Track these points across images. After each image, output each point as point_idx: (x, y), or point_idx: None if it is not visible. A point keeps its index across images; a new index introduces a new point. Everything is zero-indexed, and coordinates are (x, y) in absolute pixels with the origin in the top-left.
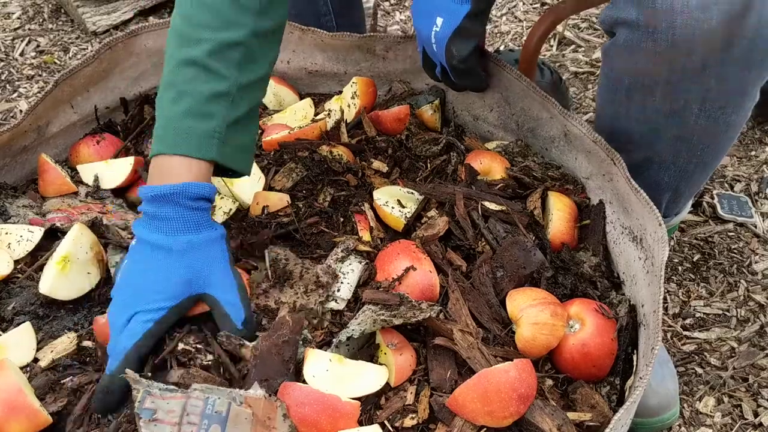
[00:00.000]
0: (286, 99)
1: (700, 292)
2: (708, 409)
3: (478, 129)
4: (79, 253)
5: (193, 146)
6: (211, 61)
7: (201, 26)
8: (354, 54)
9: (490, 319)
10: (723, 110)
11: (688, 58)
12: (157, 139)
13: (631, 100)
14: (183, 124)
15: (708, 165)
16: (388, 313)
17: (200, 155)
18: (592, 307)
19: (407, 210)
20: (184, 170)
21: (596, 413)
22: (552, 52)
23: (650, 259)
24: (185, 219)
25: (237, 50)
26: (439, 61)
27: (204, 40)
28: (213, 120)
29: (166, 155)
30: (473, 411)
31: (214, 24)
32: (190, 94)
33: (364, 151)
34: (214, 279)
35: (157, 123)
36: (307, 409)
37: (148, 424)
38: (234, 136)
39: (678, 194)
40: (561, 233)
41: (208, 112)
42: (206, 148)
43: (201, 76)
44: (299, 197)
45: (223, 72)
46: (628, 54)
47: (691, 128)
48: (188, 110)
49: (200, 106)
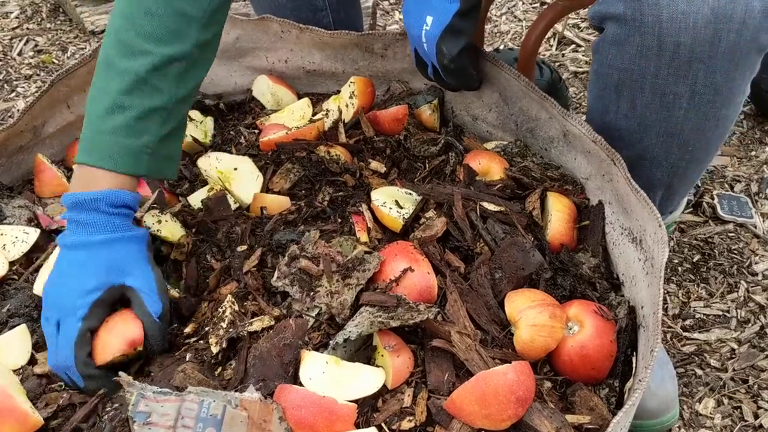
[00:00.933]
0: (284, 99)
1: (700, 293)
2: (708, 411)
3: (476, 129)
4: None
5: (122, 162)
6: (151, 76)
7: (144, 36)
8: (352, 52)
9: (489, 320)
10: (712, 104)
11: (675, 52)
12: (86, 149)
13: (621, 96)
14: (111, 139)
15: (700, 161)
16: (386, 315)
17: (128, 171)
18: (591, 309)
19: (405, 211)
20: (106, 180)
21: (595, 416)
22: (552, 52)
23: (650, 260)
24: (104, 222)
25: (179, 65)
26: (431, 61)
27: (147, 53)
28: (146, 136)
29: (94, 167)
30: (471, 414)
31: (158, 35)
32: (127, 108)
33: (362, 151)
34: (133, 270)
35: (86, 129)
36: (304, 411)
37: (142, 427)
38: (164, 147)
39: (671, 191)
40: (560, 234)
41: (143, 128)
42: (136, 164)
43: (140, 91)
44: (299, 196)
45: (162, 88)
46: (616, 49)
47: (681, 123)
48: (122, 125)
49: (135, 122)
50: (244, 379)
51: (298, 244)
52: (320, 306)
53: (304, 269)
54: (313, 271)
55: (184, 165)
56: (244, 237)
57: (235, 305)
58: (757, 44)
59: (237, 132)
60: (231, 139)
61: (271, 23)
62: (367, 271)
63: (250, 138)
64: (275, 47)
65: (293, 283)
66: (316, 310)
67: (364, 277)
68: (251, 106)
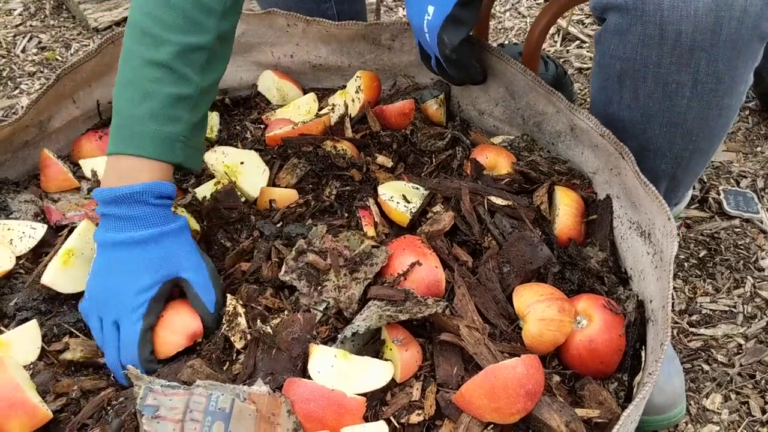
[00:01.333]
0: (290, 94)
1: (707, 289)
2: (715, 406)
3: (483, 123)
4: (84, 248)
5: (159, 150)
6: (176, 63)
7: (166, 27)
8: (359, 45)
9: (497, 314)
10: (715, 93)
11: (676, 40)
12: (119, 139)
13: (624, 86)
14: (147, 126)
15: (704, 151)
16: (394, 309)
17: (166, 158)
18: (600, 303)
19: (412, 205)
20: (146, 171)
21: (604, 410)
22: (556, 48)
23: (659, 254)
24: (153, 214)
25: (201, 54)
26: (433, 53)
27: (169, 42)
28: (179, 124)
29: (127, 156)
30: (480, 407)
31: (179, 25)
32: (155, 96)
33: (368, 145)
34: (186, 263)
35: (116, 121)
36: (312, 405)
37: (150, 421)
38: (194, 137)
39: (676, 183)
40: (568, 228)
41: (174, 115)
42: (172, 152)
43: (166, 78)
44: (307, 190)
45: (188, 75)
46: (618, 39)
47: (684, 113)
48: (152, 112)
49: (166, 109)
50: (252, 374)
51: (305, 238)
52: (328, 300)
53: (311, 263)
54: (320, 265)
55: None
56: (251, 228)
57: (239, 304)
58: (759, 32)
59: (243, 127)
60: (237, 134)
61: (276, 17)
62: (374, 265)
63: (255, 133)
64: (281, 42)
65: (301, 277)
66: (323, 305)
67: (371, 272)
68: (257, 101)
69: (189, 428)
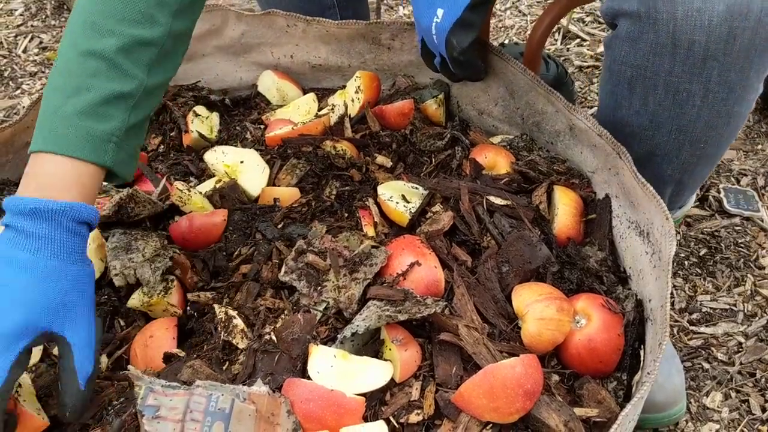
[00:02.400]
0: (290, 94)
1: (707, 287)
2: (715, 405)
3: (482, 123)
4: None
5: (88, 149)
6: (120, 57)
7: (114, 17)
8: (359, 45)
9: (496, 314)
10: (725, 102)
11: (689, 49)
12: (45, 134)
13: (633, 93)
14: (79, 122)
15: (711, 157)
16: (393, 309)
17: (95, 159)
18: (599, 302)
19: (412, 205)
20: (73, 178)
21: (603, 409)
22: (557, 46)
23: (657, 254)
24: (61, 242)
25: (149, 50)
26: (439, 52)
27: (116, 33)
28: (112, 121)
29: (52, 154)
30: (479, 407)
31: (129, 16)
32: (92, 90)
33: (368, 146)
34: (75, 317)
35: (44, 114)
36: (312, 405)
37: (151, 421)
38: (128, 140)
39: (681, 187)
40: (567, 228)
41: (108, 113)
42: (102, 153)
43: (107, 73)
44: (307, 190)
45: (131, 72)
46: (630, 46)
47: (693, 120)
48: (86, 108)
49: (100, 105)
50: (252, 374)
51: (305, 238)
52: (328, 300)
53: (311, 264)
54: (320, 265)
55: (190, 160)
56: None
57: (229, 308)
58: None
59: (243, 127)
60: (237, 135)
61: (276, 17)
62: (374, 265)
63: (255, 133)
64: (280, 42)
65: (300, 277)
66: (323, 305)
67: (371, 272)
68: (257, 101)
69: (189, 428)
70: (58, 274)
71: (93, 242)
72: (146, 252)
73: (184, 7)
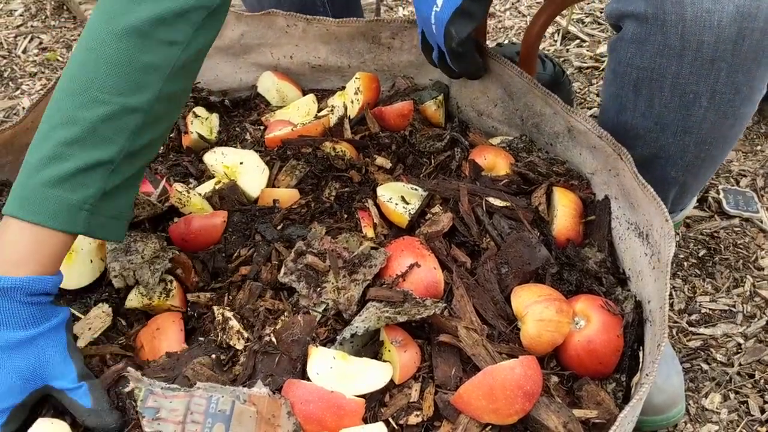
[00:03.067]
0: (289, 95)
1: (706, 288)
2: (714, 406)
3: (482, 124)
4: (83, 243)
5: (56, 219)
6: (104, 127)
7: (104, 89)
8: (358, 44)
9: (495, 315)
10: (732, 103)
11: (698, 50)
12: (16, 198)
13: (639, 95)
14: (51, 191)
15: (716, 158)
16: (393, 310)
17: (62, 228)
18: (598, 304)
19: (411, 206)
20: (32, 248)
21: (602, 410)
22: (556, 47)
23: (656, 255)
24: (19, 316)
25: (135, 117)
26: (437, 44)
27: (104, 102)
28: (88, 190)
29: (18, 220)
30: (478, 408)
31: (118, 86)
32: (69, 159)
33: (367, 147)
34: (56, 371)
35: (21, 175)
36: (312, 406)
37: (151, 423)
38: (109, 204)
39: (685, 189)
40: (566, 229)
41: (83, 182)
42: (70, 221)
43: (87, 141)
44: (306, 191)
45: (113, 140)
46: (636, 48)
47: (699, 122)
48: (61, 176)
49: (75, 175)
50: (252, 375)
51: (304, 240)
52: (327, 302)
53: (310, 265)
54: (319, 267)
55: (189, 162)
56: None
57: (226, 309)
58: None
59: (242, 128)
60: (236, 136)
61: (276, 18)
62: (373, 266)
63: (255, 134)
64: (280, 43)
65: (300, 279)
66: (322, 306)
67: (370, 273)
68: (256, 102)
69: (190, 430)
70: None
71: (93, 242)
72: (145, 254)
73: (177, 69)
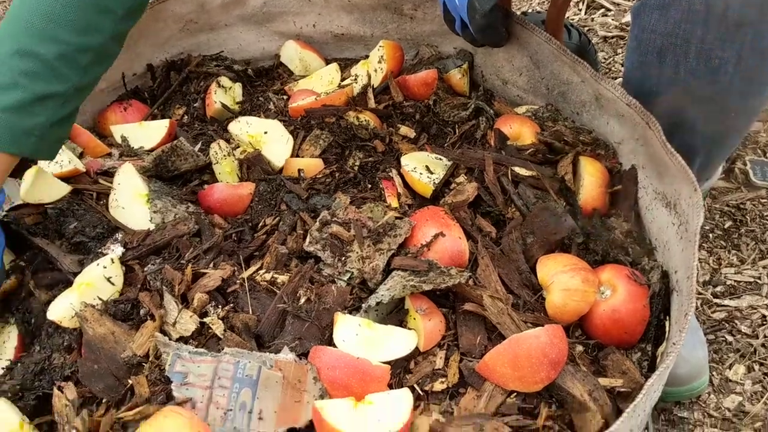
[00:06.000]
0: (312, 64)
1: (731, 260)
2: (738, 377)
3: (507, 93)
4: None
5: (7, 141)
6: (58, 63)
7: (60, 24)
8: (381, 14)
9: (520, 285)
10: (758, 69)
11: (723, 15)
12: None
13: (663, 62)
14: (5, 116)
15: (740, 128)
16: (418, 279)
17: (12, 150)
18: (624, 274)
19: (435, 176)
20: None
21: (627, 379)
22: (581, 17)
23: (684, 225)
24: None
25: (88, 54)
26: (459, 15)
27: (59, 41)
28: (38, 118)
29: None
30: (503, 376)
31: (74, 25)
32: (23, 89)
33: (391, 116)
34: None
35: None
36: (338, 372)
37: (179, 387)
38: (54, 131)
39: (709, 159)
40: (592, 199)
41: (35, 111)
42: (21, 145)
43: (42, 75)
44: (330, 161)
45: (66, 75)
46: (660, 13)
47: (725, 89)
48: (14, 104)
49: (29, 104)
50: (280, 334)
51: (329, 209)
52: (352, 270)
53: (335, 234)
54: (344, 236)
55: (215, 131)
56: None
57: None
58: None
59: (266, 98)
60: (260, 105)
61: None
62: (398, 236)
63: (278, 104)
64: (303, 11)
65: (325, 248)
66: (347, 275)
67: (395, 242)
68: (279, 71)
69: (217, 395)
70: None
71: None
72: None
73: (127, 12)
